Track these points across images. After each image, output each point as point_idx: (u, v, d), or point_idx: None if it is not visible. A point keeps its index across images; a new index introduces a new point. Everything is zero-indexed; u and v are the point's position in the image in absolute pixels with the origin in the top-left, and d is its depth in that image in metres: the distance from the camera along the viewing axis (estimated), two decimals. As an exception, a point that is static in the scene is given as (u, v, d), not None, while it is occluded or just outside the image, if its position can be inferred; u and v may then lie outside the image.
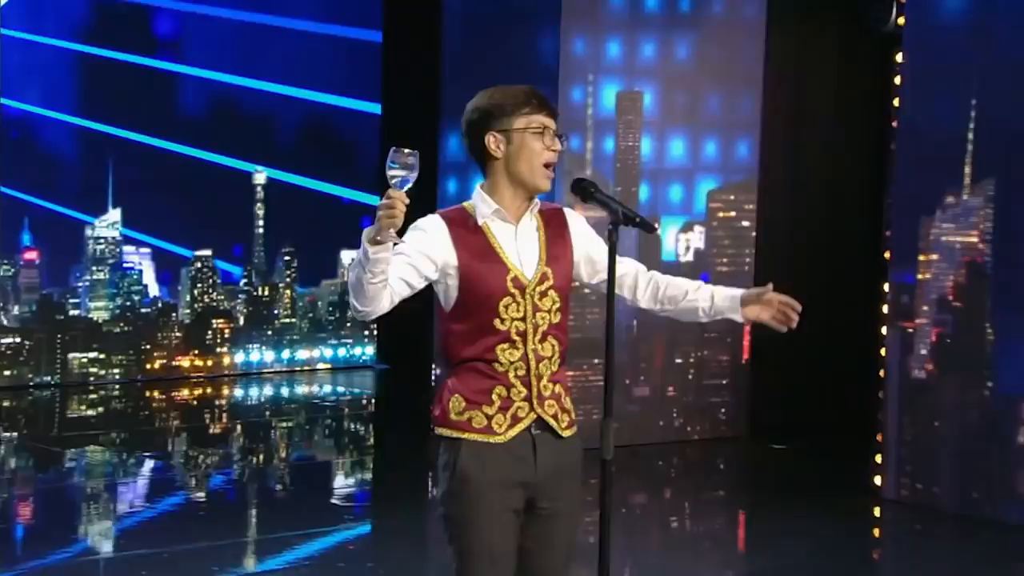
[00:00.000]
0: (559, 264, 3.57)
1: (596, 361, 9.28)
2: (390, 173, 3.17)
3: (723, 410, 10.01)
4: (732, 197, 9.91)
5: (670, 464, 9.58)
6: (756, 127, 9.89)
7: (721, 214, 9.88)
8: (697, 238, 9.76)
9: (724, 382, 10.00)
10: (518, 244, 3.53)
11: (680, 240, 9.70)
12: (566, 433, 3.56)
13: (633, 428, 9.49)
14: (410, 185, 3.19)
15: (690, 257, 9.74)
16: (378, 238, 3.22)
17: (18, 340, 11.65)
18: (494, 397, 3.49)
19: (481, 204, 3.52)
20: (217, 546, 7.05)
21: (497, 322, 3.47)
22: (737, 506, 8.82)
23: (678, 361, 9.76)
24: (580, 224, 3.66)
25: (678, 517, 8.64)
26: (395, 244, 3.29)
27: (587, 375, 9.21)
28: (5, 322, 11.65)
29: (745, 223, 9.97)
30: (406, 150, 3.17)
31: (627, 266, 3.74)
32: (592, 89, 9.19)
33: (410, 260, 3.42)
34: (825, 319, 10.18)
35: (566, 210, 3.66)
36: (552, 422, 3.56)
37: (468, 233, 3.49)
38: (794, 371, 10.23)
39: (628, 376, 9.49)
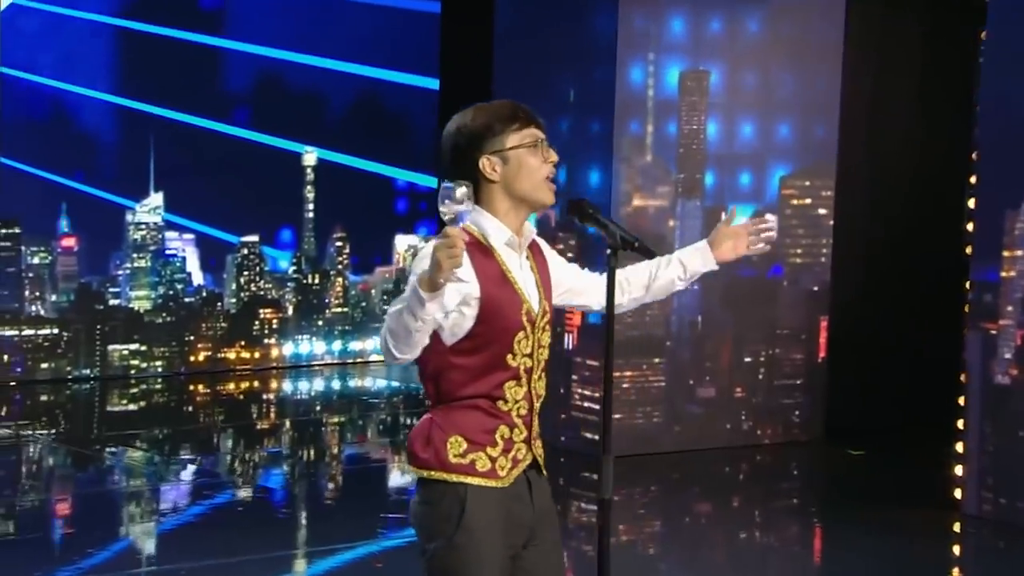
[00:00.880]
0: (551, 296, 3.50)
1: (656, 360, 9.19)
2: (443, 209, 3.04)
3: (796, 412, 9.85)
4: (807, 183, 9.74)
5: (738, 470, 9.45)
6: (834, 109, 9.70)
7: (795, 201, 9.71)
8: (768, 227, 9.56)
9: (798, 382, 9.84)
10: (524, 273, 3.45)
11: (749, 230, 9.51)
12: (545, 472, 3.50)
13: (697, 431, 9.38)
14: (468, 220, 3.14)
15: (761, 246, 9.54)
16: (439, 280, 3.05)
17: (56, 331, 11.77)
18: (497, 438, 3.39)
19: (492, 227, 3.40)
20: (264, 559, 7.03)
21: (509, 358, 3.38)
22: (808, 516, 8.70)
23: (747, 360, 9.61)
24: (553, 254, 3.60)
25: (746, 527, 8.52)
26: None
27: (646, 375, 9.11)
28: (42, 312, 11.78)
29: (822, 211, 9.79)
30: (459, 183, 3.06)
31: (595, 280, 3.70)
32: (653, 68, 9.04)
33: (453, 286, 3.25)
34: (908, 314, 9.99)
35: (538, 239, 3.56)
36: (540, 462, 3.50)
37: (484, 259, 3.38)
38: (874, 370, 10.05)
39: (692, 376, 9.37)
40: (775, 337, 9.71)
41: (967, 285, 7.93)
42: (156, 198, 12.16)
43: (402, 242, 13.39)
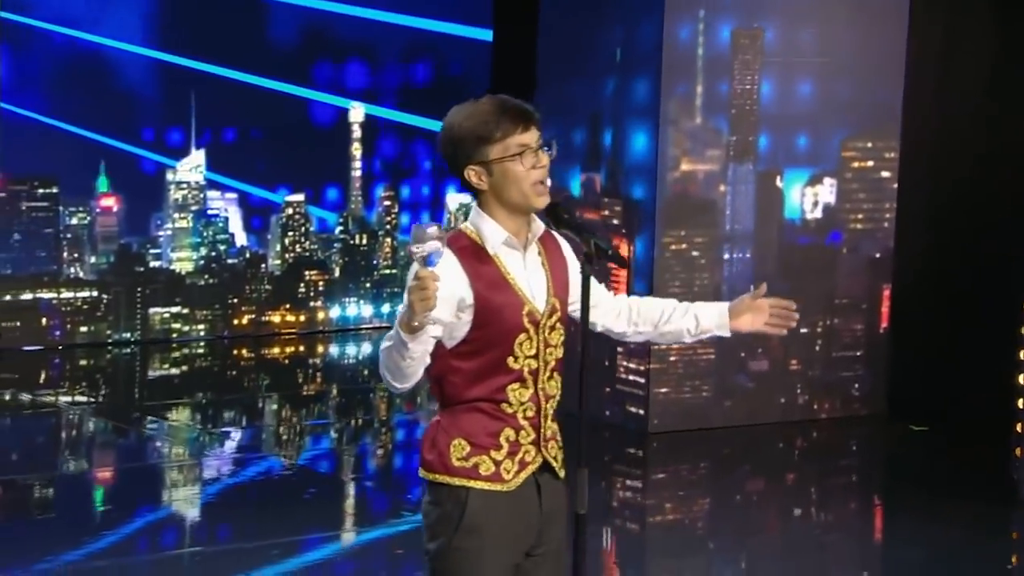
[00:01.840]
0: (564, 293, 3.53)
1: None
2: (413, 249, 3.16)
3: (856, 386, 9.82)
4: (869, 145, 9.66)
5: (792, 446, 9.46)
6: (899, 66, 9.59)
7: (856, 164, 9.63)
8: (827, 191, 9.54)
9: (858, 354, 9.80)
10: (528, 273, 3.50)
11: (806, 194, 9.49)
12: (562, 473, 3.54)
13: (749, 406, 9.39)
14: (440, 260, 3.18)
15: (818, 213, 9.53)
16: (414, 324, 3.19)
17: (95, 294, 11.97)
18: (502, 441, 3.47)
19: (489, 231, 3.46)
20: (302, 540, 7.13)
21: (511, 360, 3.45)
22: (866, 495, 8.71)
23: (803, 331, 9.56)
24: (572, 256, 3.61)
25: (800, 505, 8.54)
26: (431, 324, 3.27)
27: (694, 348, 9.11)
28: (81, 274, 11.99)
29: (885, 173, 9.71)
30: (428, 224, 3.20)
31: (606, 298, 3.70)
32: (703, 26, 8.99)
33: (435, 316, 3.33)
34: (976, 282, 9.87)
35: (558, 237, 3.60)
36: (554, 463, 3.56)
37: (480, 264, 3.46)
38: (940, 342, 9.95)
39: (743, 348, 9.36)
40: (833, 307, 9.67)
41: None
42: (198, 156, 12.29)
43: (453, 201, 13.43)
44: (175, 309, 12.24)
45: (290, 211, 12.67)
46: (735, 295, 9.10)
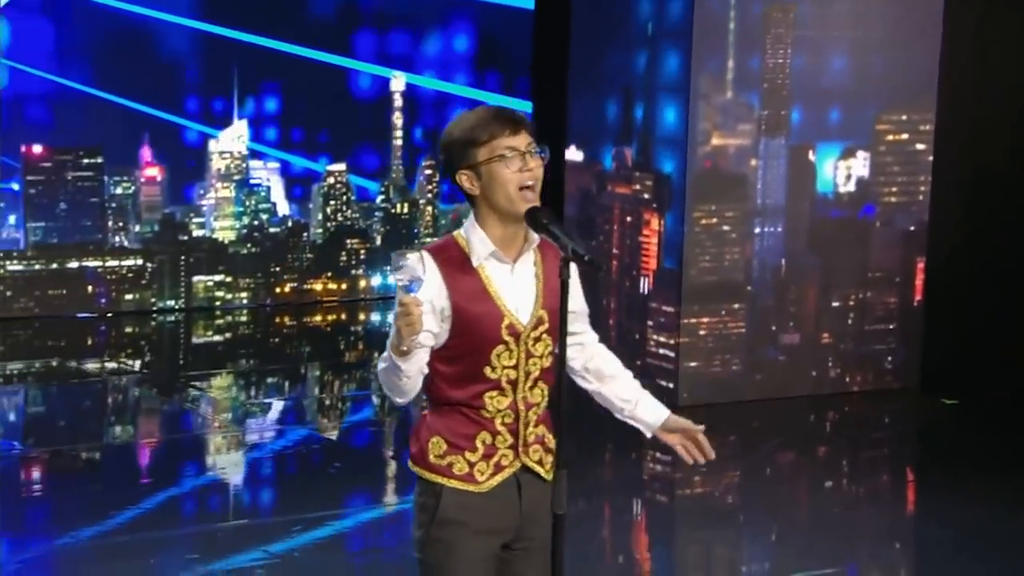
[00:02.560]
0: (555, 303, 3.55)
1: (736, 306, 9.21)
2: (396, 277, 3.32)
3: (889, 359, 9.81)
4: (904, 117, 9.61)
5: (823, 419, 9.46)
6: (935, 38, 9.52)
7: (891, 137, 9.59)
8: (860, 165, 9.51)
9: (891, 327, 9.79)
10: (514, 285, 3.55)
11: (839, 168, 9.46)
12: (551, 476, 3.57)
13: (780, 379, 9.40)
14: (421, 287, 3.30)
15: (851, 187, 9.50)
16: (402, 348, 3.32)
17: (140, 262, 12.14)
18: (478, 443, 3.55)
19: (477, 242, 3.52)
20: (330, 515, 7.23)
21: (488, 370, 3.51)
22: (895, 470, 8.72)
23: (835, 304, 9.58)
24: (573, 273, 3.64)
25: (831, 478, 8.55)
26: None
27: (725, 321, 9.15)
28: (126, 243, 12.15)
29: (920, 146, 9.66)
30: (408, 254, 3.26)
31: (584, 335, 3.78)
32: (735, 0, 8.96)
33: (424, 326, 3.41)
34: (1013, 256, 9.82)
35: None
36: (537, 468, 3.60)
37: (461, 275, 3.50)
38: (975, 315, 9.92)
39: (774, 322, 9.37)
40: (866, 280, 9.65)
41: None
42: (240, 126, 12.40)
43: (495, 169, 13.47)
44: (218, 277, 12.39)
45: (332, 180, 12.77)
46: (765, 270, 9.22)
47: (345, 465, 8.16)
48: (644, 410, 3.77)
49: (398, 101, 12.93)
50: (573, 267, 3.41)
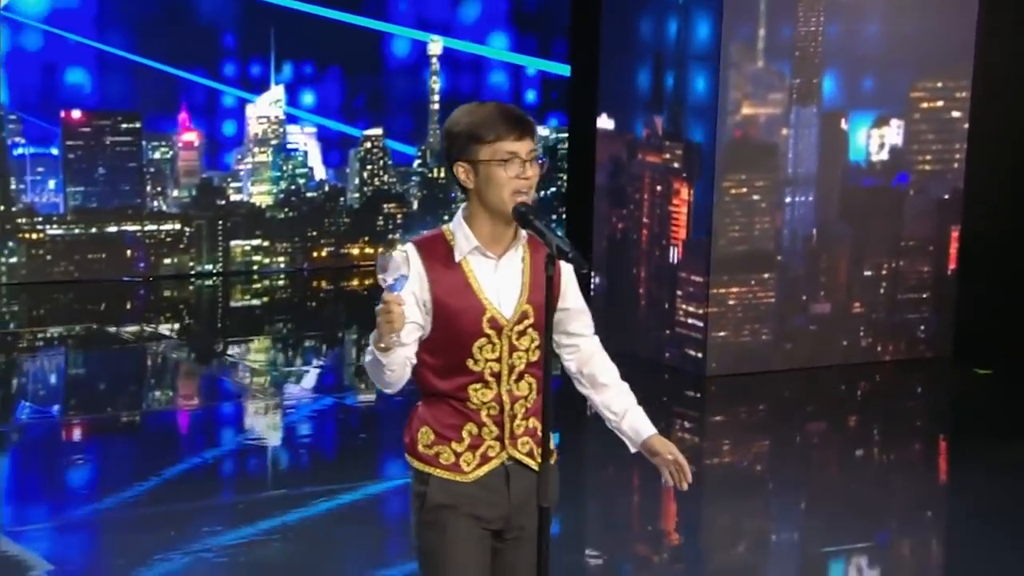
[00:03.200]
0: (541, 298, 3.56)
1: (766, 275, 9.17)
2: (381, 277, 3.34)
3: (922, 328, 9.75)
4: (939, 84, 9.51)
5: (855, 388, 9.43)
6: (972, 4, 9.42)
7: (925, 104, 9.50)
8: (894, 133, 9.43)
9: (924, 296, 9.73)
10: (498, 280, 3.57)
11: (872, 136, 9.38)
12: (539, 467, 3.59)
13: (810, 349, 9.37)
14: (405, 285, 3.33)
15: (884, 155, 9.42)
16: (382, 345, 3.37)
17: (178, 227, 12.21)
18: (464, 434, 3.58)
19: (461, 238, 3.55)
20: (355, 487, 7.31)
21: (470, 362, 3.54)
22: (927, 439, 8.70)
23: (867, 274, 9.52)
24: (568, 271, 3.64)
25: (863, 447, 8.54)
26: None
27: (754, 291, 9.11)
28: (164, 208, 12.22)
29: (955, 113, 9.56)
30: (393, 252, 3.34)
31: (582, 316, 3.75)
32: (766, -33, 8.89)
33: (409, 318, 3.48)
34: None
35: None
36: (526, 460, 3.62)
37: (444, 268, 3.53)
38: (1009, 284, 9.85)
39: (805, 291, 9.33)
40: (899, 249, 9.58)
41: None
42: (277, 91, 12.43)
43: (533, 133, 13.44)
44: (256, 242, 12.46)
45: (368, 145, 12.79)
46: (796, 239, 9.18)
47: (374, 434, 8.22)
48: (629, 425, 3.76)
49: (435, 65, 12.91)
50: (568, 267, 3.42)
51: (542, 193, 13.57)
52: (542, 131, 13.50)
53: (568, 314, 3.68)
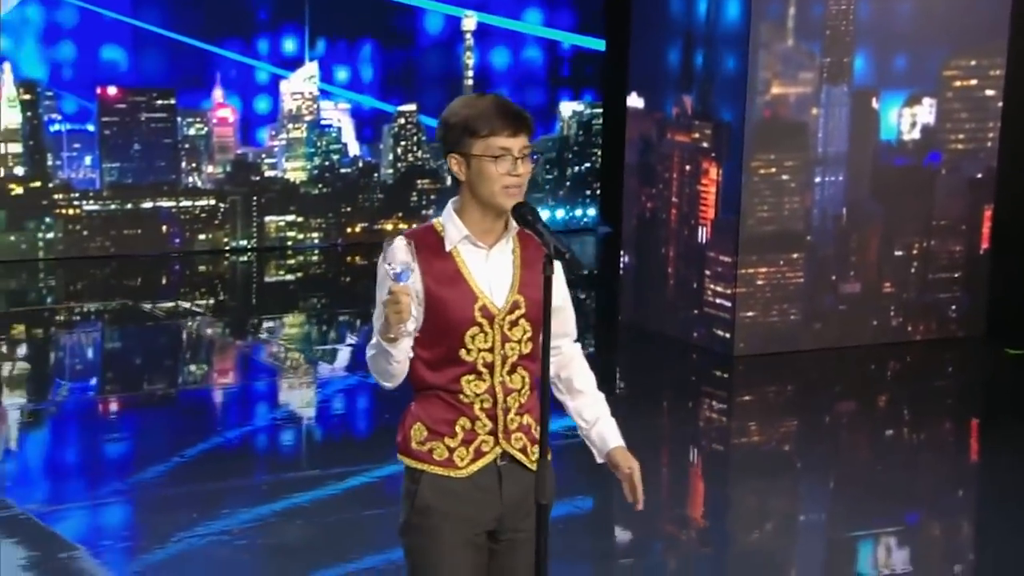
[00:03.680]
0: (533, 291, 3.57)
1: (795, 255, 9.13)
2: (387, 267, 3.37)
3: (953, 308, 9.69)
4: (973, 63, 9.43)
5: (884, 368, 9.39)
6: (1007, -20, 9.33)
7: (958, 83, 9.42)
8: (926, 112, 9.36)
9: (956, 276, 9.67)
10: (489, 270, 3.58)
11: (904, 115, 9.31)
12: (535, 466, 3.59)
13: (839, 329, 9.34)
14: (411, 277, 3.36)
15: (916, 135, 9.35)
16: (390, 335, 3.40)
17: (212, 203, 12.27)
18: (457, 429, 3.57)
19: (451, 228, 3.57)
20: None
21: (463, 352, 3.54)
22: (958, 419, 8.64)
23: (898, 253, 9.47)
24: (558, 269, 3.64)
25: (892, 427, 8.51)
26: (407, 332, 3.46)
27: (783, 271, 9.09)
28: (199, 184, 12.28)
29: (989, 92, 9.49)
30: (399, 244, 3.38)
31: (566, 318, 3.76)
32: (796, -55, 8.82)
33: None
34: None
35: None
36: (520, 456, 3.62)
37: (435, 259, 3.55)
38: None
39: (835, 271, 9.29)
40: (931, 229, 9.53)
41: None
42: (311, 67, 12.44)
43: (566, 108, 13.43)
44: (290, 218, 12.50)
45: (402, 120, 12.79)
46: (825, 219, 9.14)
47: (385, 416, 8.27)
48: (598, 434, 3.76)
49: (469, 40, 12.89)
50: (557, 264, 3.42)
51: (577, 168, 13.57)
52: (576, 106, 13.47)
53: (553, 313, 3.67)
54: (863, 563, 6.40)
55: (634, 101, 9.71)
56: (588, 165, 13.53)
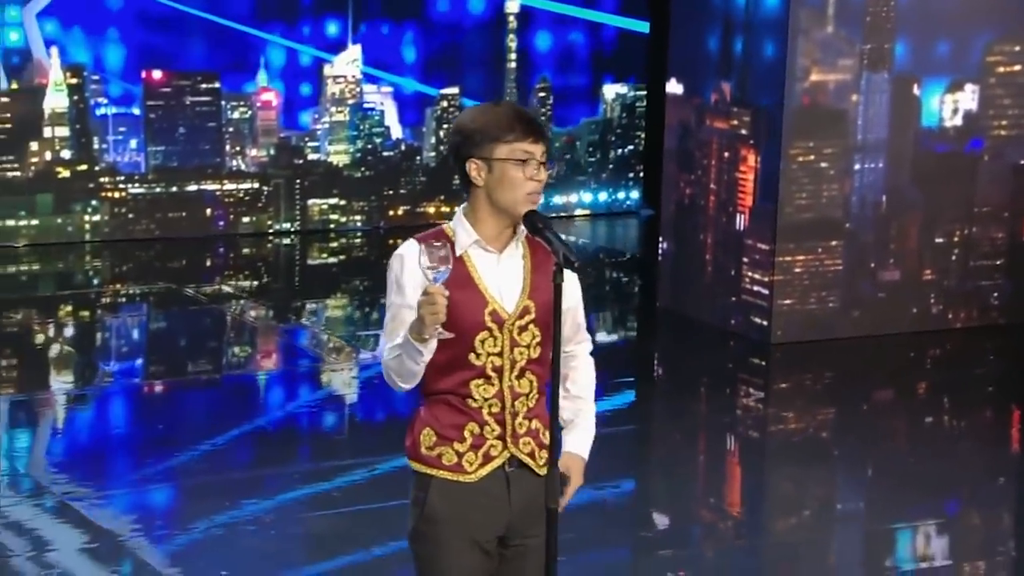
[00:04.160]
0: (542, 296, 3.59)
1: (833, 243, 9.10)
2: (424, 267, 3.40)
3: (995, 295, 9.63)
4: (1016, 48, 9.35)
5: (924, 356, 9.35)
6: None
7: (1002, 69, 9.35)
8: (968, 98, 9.29)
9: (998, 262, 9.62)
10: (499, 275, 3.60)
11: (946, 102, 9.25)
12: (543, 471, 3.60)
13: (878, 316, 9.30)
14: (446, 278, 3.39)
15: (958, 121, 9.29)
16: (425, 336, 3.42)
17: (256, 186, 12.34)
18: (466, 434, 3.59)
19: (462, 233, 3.59)
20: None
21: (472, 357, 3.56)
22: (999, 406, 8.58)
23: (939, 241, 9.42)
24: (572, 278, 3.65)
25: (932, 414, 8.48)
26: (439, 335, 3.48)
27: (821, 258, 9.07)
28: (243, 167, 12.34)
29: (1033, 78, 9.40)
30: (437, 243, 3.40)
31: (578, 324, 3.79)
32: (836, -70, 8.76)
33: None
34: None
35: None
36: (528, 461, 3.64)
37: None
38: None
39: (874, 258, 9.26)
40: (972, 216, 9.47)
41: None
42: (354, 51, 12.47)
43: (610, 91, 13.40)
44: (333, 200, 12.56)
45: (445, 103, 12.80)
46: (864, 206, 9.10)
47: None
48: (564, 438, 3.75)
49: (512, 23, 12.88)
50: (568, 272, 3.44)
51: (620, 151, 13.55)
52: (619, 88, 13.44)
53: (565, 319, 3.64)
54: (901, 554, 6.40)
55: (673, 87, 9.68)
56: (631, 148, 13.51)
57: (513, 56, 12.93)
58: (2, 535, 6.00)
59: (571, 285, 3.67)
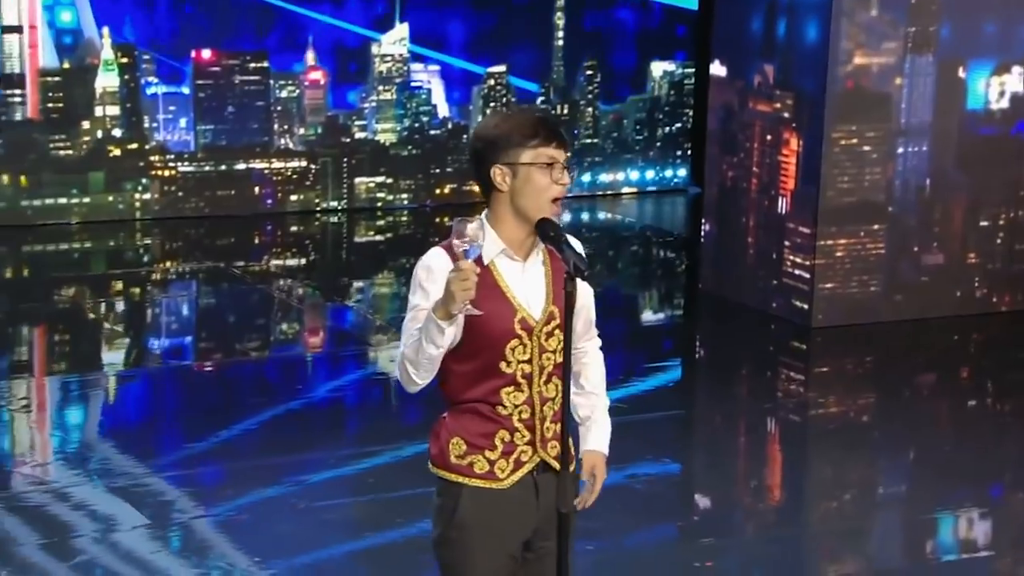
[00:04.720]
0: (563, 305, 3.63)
1: (876, 227, 9.08)
2: (455, 243, 3.39)
3: (1041, 278, 9.58)
4: (1065, 30, 9.26)
5: (968, 340, 9.31)
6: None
7: (1049, 50, 9.26)
8: (1015, 81, 9.23)
9: (1045, 246, 9.55)
10: (525, 283, 3.63)
11: (992, 85, 9.18)
12: (563, 470, 3.66)
13: (922, 300, 9.27)
14: (478, 254, 3.40)
15: (1004, 104, 9.23)
16: (453, 311, 3.40)
17: (304, 164, 12.43)
18: (497, 442, 3.62)
19: (488, 241, 3.59)
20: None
21: (503, 365, 3.59)
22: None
23: (983, 224, 9.37)
24: (584, 285, 3.69)
25: (976, 398, 8.45)
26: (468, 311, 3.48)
27: (864, 242, 9.04)
28: (291, 145, 12.43)
29: (1082, 59, 9.31)
30: (469, 220, 3.39)
31: (589, 323, 3.83)
32: (881, -89, 8.70)
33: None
34: None
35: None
36: (555, 463, 3.67)
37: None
38: None
39: (917, 242, 9.22)
40: (1018, 199, 9.41)
41: None
42: (401, 29, 12.50)
43: (657, 68, 13.37)
44: (380, 179, 12.62)
45: (492, 82, 12.82)
46: (908, 190, 9.06)
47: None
48: (584, 435, 3.80)
49: (560, 1, 12.87)
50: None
51: (667, 129, 13.53)
52: (667, 66, 13.41)
53: (576, 315, 3.67)
54: (944, 540, 6.40)
55: (717, 69, 9.67)
56: (679, 125, 13.49)
57: (560, 34, 12.93)
58: (58, 514, 6.11)
59: (583, 285, 3.71)
